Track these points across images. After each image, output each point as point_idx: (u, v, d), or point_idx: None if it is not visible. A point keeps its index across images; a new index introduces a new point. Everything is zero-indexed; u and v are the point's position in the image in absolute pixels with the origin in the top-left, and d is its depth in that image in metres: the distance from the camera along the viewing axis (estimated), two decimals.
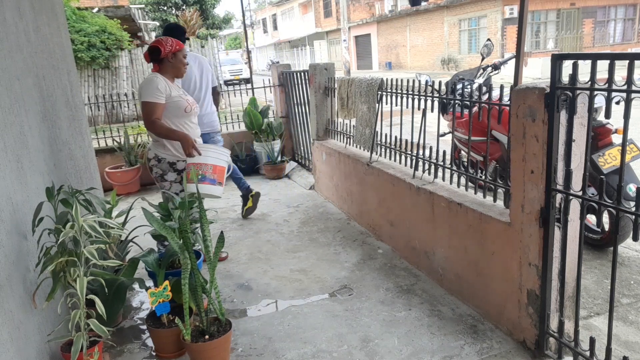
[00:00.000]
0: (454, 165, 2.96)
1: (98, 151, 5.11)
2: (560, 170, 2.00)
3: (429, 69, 26.21)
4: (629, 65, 1.68)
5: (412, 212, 3.23)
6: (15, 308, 1.98)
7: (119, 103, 11.19)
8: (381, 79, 3.64)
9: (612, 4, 24.12)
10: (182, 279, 2.26)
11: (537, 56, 19.33)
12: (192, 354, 2.29)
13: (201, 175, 2.93)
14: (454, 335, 2.47)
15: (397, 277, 3.17)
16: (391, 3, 32.13)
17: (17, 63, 2.43)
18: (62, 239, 2.09)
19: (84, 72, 12.49)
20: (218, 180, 3.02)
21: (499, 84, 2.76)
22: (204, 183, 2.93)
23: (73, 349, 2.04)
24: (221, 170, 3.04)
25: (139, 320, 2.86)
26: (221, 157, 3.07)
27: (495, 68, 4.02)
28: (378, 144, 3.77)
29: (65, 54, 3.37)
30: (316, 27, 38.93)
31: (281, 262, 3.55)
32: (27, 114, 2.45)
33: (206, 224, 2.38)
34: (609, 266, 3.02)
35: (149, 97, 2.93)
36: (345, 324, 2.64)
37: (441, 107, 3.25)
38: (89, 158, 3.59)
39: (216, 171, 3.00)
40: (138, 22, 14.85)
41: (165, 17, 25.06)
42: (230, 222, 4.52)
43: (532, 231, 2.15)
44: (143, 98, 2.95)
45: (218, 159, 3.04)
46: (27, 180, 2.31)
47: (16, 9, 2.55)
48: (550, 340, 2.20)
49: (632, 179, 3.01)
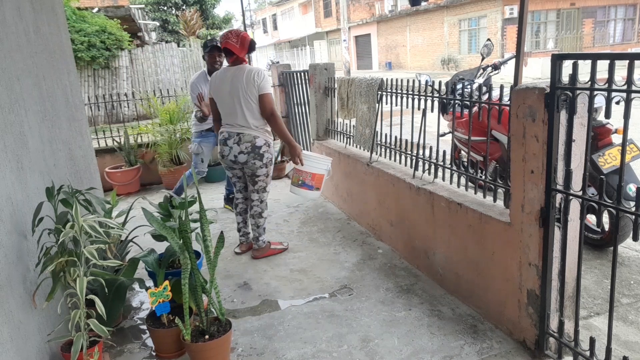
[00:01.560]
0: (454, 165, 2.96)
1: (98, 151, 5.11)
2: (560, 170, 2.00)
3: (429, 69, 26.21)
4: (629, 65, 1.68)
5: (412, 212, 3.23)
6: (15, 308, 1.98)
7: (119, 103, 11.17)
8: (381, 79, 3.64)
9: (612, 4, 24.11)
10: (182, 279, 2.26)
11: (537, 56, 19.32)
12: (192, 354, 2.29)
13: (301, 181, 3.50)
14: (454, 335, 2.47)
15: (397, 277, 3.17)
16: (391, 3, 32.12)
17: (17, 63, 2.43)
18: (62, 239, 2.09)
19: (84, 72, 12.49)
20: (315, 186, 3.53)
21: (499, 84, 2.76)
22: (303, 188, 3.52)
23: (73, 348, 2.04)
24: (320, 178, 3.54)
25: (139, 320, 2.86)
26: (321, 165, 3.55)
27: (495, 68, 4.02)
28: (378, 144, 3.77)
29: (65, 54, 3.37)
30: (316, 27, 38.92)
31: (281, 262, 3.55)
32: (27, 114, 2.45)
33: (206, 224, 2.38)
34: (609, 266, 3.02)
35: (270, 88, 3.32)
36: (345, 324, 2.64)
37: (441, 107, 3.24)
38: (89, 158, 3.59)
39: (314, 178, 3.51)
40: (138, 22, 14.85)
41: (165, 17, 25.05)
42: (230, 222, 4.52)
43: (532, 231, 2.15)
44: (267, 90, 3.28)
45: (318, 167, 3.53)
46: (27, 180, 2.31)
47: (16, 9, 2.55)
48: (550, 340, 2.20)
49: (632, 179, 3.01)
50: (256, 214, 3.57)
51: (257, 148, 3.33)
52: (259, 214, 3.57)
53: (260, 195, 3.54)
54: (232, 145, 3.34)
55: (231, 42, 3.24)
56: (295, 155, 3.42)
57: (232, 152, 3.35)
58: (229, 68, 3.36)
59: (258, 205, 3.55)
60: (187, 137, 5.94)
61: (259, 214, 3.57)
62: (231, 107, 3.32)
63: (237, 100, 3.28)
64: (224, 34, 3.35)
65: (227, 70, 3.36)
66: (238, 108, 3.29)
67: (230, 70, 3.32)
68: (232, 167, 3.48)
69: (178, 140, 5.86)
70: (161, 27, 25.35)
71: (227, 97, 3.32)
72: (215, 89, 3.40)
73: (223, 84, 3.33)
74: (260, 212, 3.57)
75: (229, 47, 3.25)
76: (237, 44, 3.25)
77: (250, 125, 3.31)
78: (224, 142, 3.39)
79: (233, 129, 3.35)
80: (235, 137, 3.33)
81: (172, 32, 24.89)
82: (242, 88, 3.25)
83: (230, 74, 3.31)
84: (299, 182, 3.48)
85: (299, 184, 3.48)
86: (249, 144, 3.31)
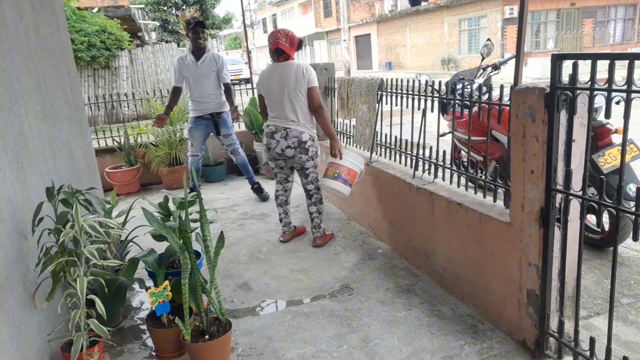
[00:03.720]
0: (454, 165, 2.96)
1: (98, 151, 5.11)
2: (560, 170, 2.00)
3: (429, 69, 26.20)
4: (629, 65, 1.67)
5: (412, 212, 3.23)
6: (15, 308, 1.98)
7: (119, 103, 11.18)
8: (381, 79, 3.65)
9: (612, 4, 24.11)
10: (182, 279, 2.26)
11: (537, 56, 19.33)
12: (192, 354, 2.29)
13: (337, 174, 3.49)
14: (454, 335, 2.47)
15: (397, 277, 3.17)
16: (391, 3, 32.11)
17: (17, 63, 2.43)
18: (62, 239, 2.09)
19: (84, 72, 12.49)
20: (349, 182, 3.52)
21: (499, 84, 2.75)
22: (338, 181, 3.49)
23: (73, 348, 2.04)
24: (354, 174, 3.54)
25: (139, 320, 2.86)
26: (357, 163, 3.57)
27: (495, 68, 4.02)
28: (378, 143, 3.77)
29: (65, 53, 3.37)
30: (316, 27, 38.92)
31: (281, 262, 3.55)
32: (27, 114, 2.45)
33: (206, 224, 2.38)
34: (609, 266, 3.02)
35: (317, 82, 3.46)
36: (345, 324, 2.64)
37: (441, 107, 3.24)
38: (89, 158, 3.59)
39: (350, 174, 3.52)
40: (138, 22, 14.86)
41: (165, 17, 25.03)
42: (230, 222, 4.52)
43: (532, 231, 2.15)
44: (315, 83, 3.44)
45: (354, 164, 3.54)
46: (27, 180, 2.31)
47: (16, 9, 2.55)
48: (550, 340, 2.20)
49: (632, 179, 3.01)
50: (317, 201, 3.74)
51: (302, 143, 3.47)
52: (320, 200, 3.75)
53: (316, 184, 3.70)
54: (279, 139, 3.48)
55: (282, 42, 3.41)
56: (337, 149, 3.51)
57: (279, 146, 3.50)
58: (277, 65, 3.49)
59: (317, 193, 3.73)
60: (186, 138, 5.93)
61: (319, 200, 3.75)
62: (280, 101, 3.44)
63: (286, 95, 3.41)
64: (273, 34, 3.49)
65: (276, 67, 3.49)
66: (287, 103, 3.42)
67: (279, 67, 3.46)
68: (276, 159, 3.61)
69: (177, 141, 5.85)
70: (161, 27, 25.34)
71: (276, 92, 3.46)
72: (264, 85, 3.54)
73: (272, 80, 3.48)
74: (320, 198, 3.75)
75: (281, 47, 3.41)
76: (287, 43, 3.42)
77: (299, 119, 3.46)
78: (271, 135, 3.52)
79: (280, 123, 3.48)
80: (282, 131, 3.46)
81: (172, 32, 24.88)
82: (292, 82, 3.40)
83: (279, 70, 3.45)
84: (334, 175, 3.50)
85: (334, 177, 3.49)
86: (296, 139, 3.45)
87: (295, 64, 3.45)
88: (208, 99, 4.77)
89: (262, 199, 5.12)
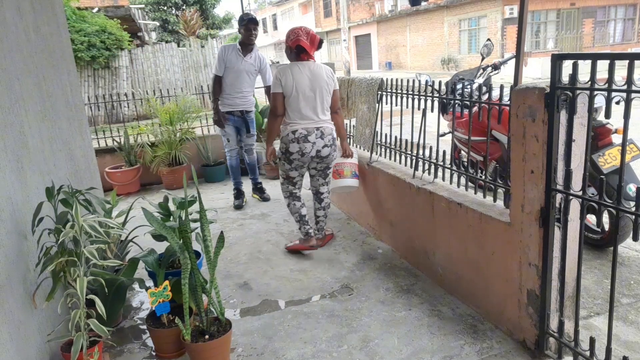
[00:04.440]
0: (454, 165, 2.96)
1: (98, 151, 5.11)
2: (560, 170, 2.00)
3: (429, 69, 26.21)
4: (629, 65, 1.67)
5: (412, 212, 3.23)
6: (15, 308, 1.98)
7: (119, 103, 11.18)
8: (381, 78, 3.65)
9: (612, 4, 24.11)
10: (182, 279, 2.26)
11: (537, 56, 19.33)
12: (192, 354, 2.29)
13: (353, 172, 3.73)
14: (454, 335, 2.47)
15: (397, 277, 3.17)
16: (391, 3, 32.12)
17: (17, 63, 2.43)
18: (62, 239, 2.09)
19: (84, 72, 12.50)
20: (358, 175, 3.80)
21: (499, 84, 2.75)
22: (355, 178, 3.73)
23: (73, 348, 2.04)
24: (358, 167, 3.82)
25: (139, 320, 2.86)
26: (356, 155, 3.84)
27: (495, 68, 4.02)
28: (378, 144, 3.77)
29: (65, 53, 3.37)
30: (316, 27, 38.88)
31: (281, 262, 3.55)
32: (27, 114, 2.45)
33: (206, 224, 2.38)
34: (609, 266, 3.02)
35: None
36: (345, 324, 2.64)
37: (441, 107, 3.24)
38: (89, 158, 3.59)
39: (357, 168, 3.79)
40: (138, 22, 14.86)
41: (165, 17, 25.04)
42: (230, 222, 4.52)
43: (532, 231, 2.15)
44: (337, 86, 3.52)
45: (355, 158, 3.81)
46: (27, 180, 2.31)
47: (16, 9, 2.55)
48: (550, 340, 2.20)
49: (632, 179, 3.01)
50: (327, 206, 3.73)
51: (334, 139, 3.49)
52: (329, 204, 3.76)
53: (328, 187, 3.70)
54: (314, 140, 3.35)
55: (303, 40, 3.34)
56: (349, 149, 3.72)
57: (315, 147, 3.37)
58: (302, 64, 3.38)
59: (328, 197, 3.73)
60: (186, 138, 5.94)
61: (328, 204, 3.75)
62: (312, 101, 3.37)
63: (318, 95, 3.38)
64: (294, 31, 3.40)
65: (302, 66, 3.37)
66: (319, 102, 3.39)
67: (306, 66, 3.38)
68: (302, 166, 3.49)
69: (177, 141, 5.85)
70: (161, 27, 25.35)
71: (307, 92, 3.35)
72: (289, 85, 3.32)
73: (302, 80, 3.33)
74: (329, 203, 3.76)
75: (302, 45, 3.34)
76: (308, 41, 3.37)
77: (328, 118, 3.48)
78: (304, 139, 3.34)
79: (312, 124, 3.37)
80: (316, 131, 3.37)
81: (172, 32, 24.89)
82: (324, 83, 3.39)
83: (308, 70, 3.37)
84: (351, 174, 3.70)
85: (352, 176, 3.71)
86: (330, 136, 3.44)
87: (322, 65, 3.44)
88: (242, 94, 4.72)
89: (263, 199, 5.11)
